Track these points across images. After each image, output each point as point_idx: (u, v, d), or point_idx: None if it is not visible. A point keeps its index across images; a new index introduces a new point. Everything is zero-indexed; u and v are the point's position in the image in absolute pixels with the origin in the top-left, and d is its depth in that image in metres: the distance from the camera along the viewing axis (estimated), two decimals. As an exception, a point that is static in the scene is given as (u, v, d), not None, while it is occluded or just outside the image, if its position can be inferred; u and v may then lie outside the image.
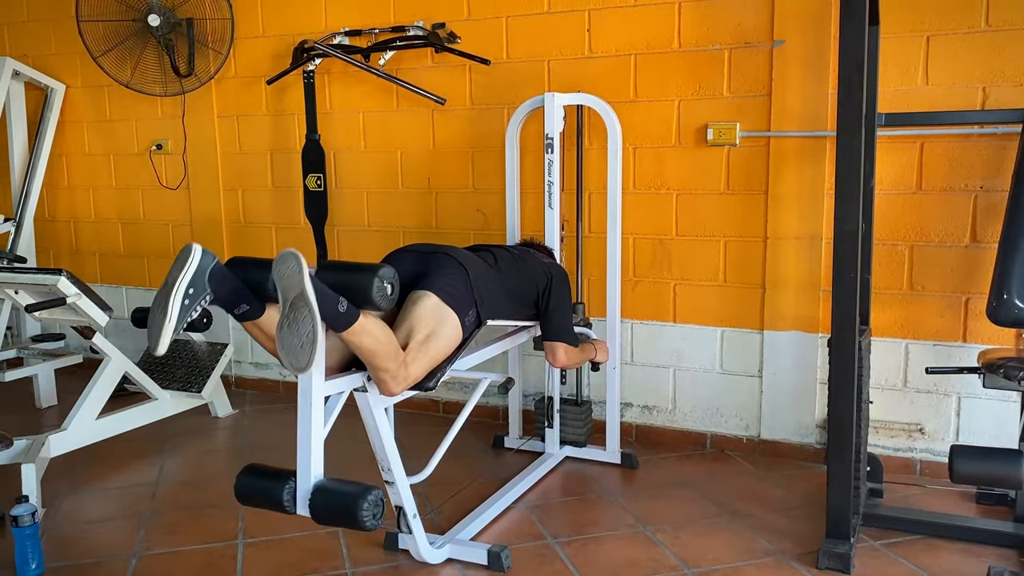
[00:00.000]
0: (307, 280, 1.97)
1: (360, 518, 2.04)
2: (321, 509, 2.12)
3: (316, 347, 1.97)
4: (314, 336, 1.96)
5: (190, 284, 2.05)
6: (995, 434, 3.13)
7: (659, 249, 3.58)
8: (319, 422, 2.16)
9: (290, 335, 1.98)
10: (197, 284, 2.06)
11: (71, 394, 3.67)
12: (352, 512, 2.05)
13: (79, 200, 4.97)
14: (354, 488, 2.10)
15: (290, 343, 1.99)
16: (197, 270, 2.06)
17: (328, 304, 2.04)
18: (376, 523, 2.08)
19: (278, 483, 2.17)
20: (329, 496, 2.13)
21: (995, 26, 2.98)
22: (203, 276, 2.07)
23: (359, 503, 2.05)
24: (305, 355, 1.98)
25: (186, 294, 2.04)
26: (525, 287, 2.85)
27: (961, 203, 3.11)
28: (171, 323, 2.03)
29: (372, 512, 2.06)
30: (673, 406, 3.67)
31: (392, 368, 2.26)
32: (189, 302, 2.05)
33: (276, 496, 2.16)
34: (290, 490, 2.15)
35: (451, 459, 2.78)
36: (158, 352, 2.05)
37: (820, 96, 3.21)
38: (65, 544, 2.82)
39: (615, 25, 3.52)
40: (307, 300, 1.97)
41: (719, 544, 2.73)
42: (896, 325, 3.25)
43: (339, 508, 2.10)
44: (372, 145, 4.11)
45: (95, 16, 4.29)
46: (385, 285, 2.10)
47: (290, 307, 1.99)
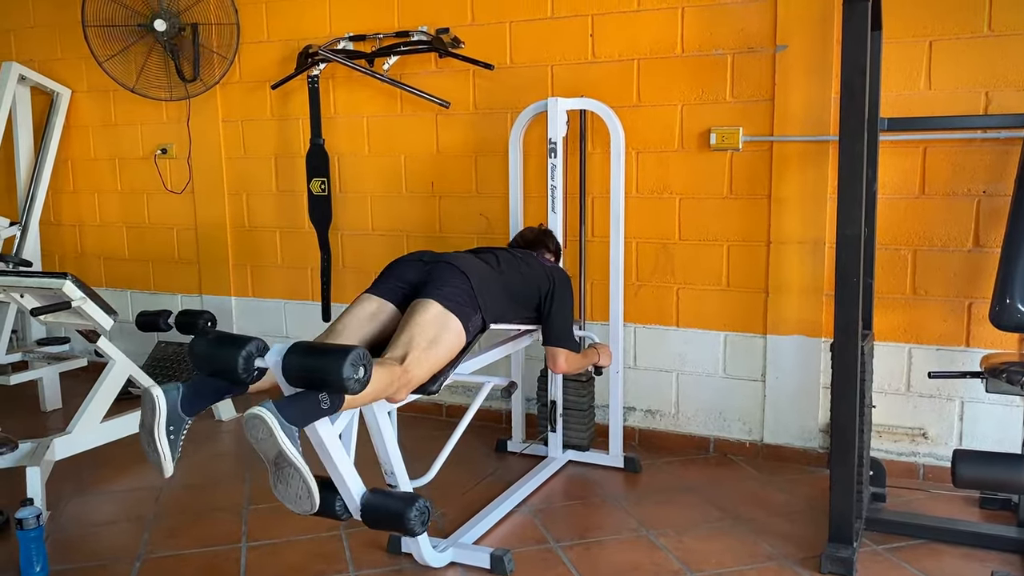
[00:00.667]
0: (282, 440, 1.96)
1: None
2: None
3: (313, 494, 2.00)
4: (308, 487, 2.00)
5: (168, 423, 2.09)
6: (998, 438, 3.13)
7: (662, 253, 3.58)
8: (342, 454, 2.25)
9: (285, 491, 2.03)
10: (174, 420, 2.10)
11: (76, 397, 3.67)
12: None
13: (84, 204, 4.99)
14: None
15: (288, 498, 2.04)
16: (168, 410, 2.09)
17: (310, 411, 2.04)
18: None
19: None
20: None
21: (998, 31, 2.98)
22: (175, 411, 2.10)
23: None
24: (307, 503, 2.02)
25: (168, 432, 2.09)
26: (527, 290, 2.85)
27: (964, 208, 3.11)
28: (168, 458, 2.10)
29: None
30: (676, 410, 3.67)
31: (393, 389, 2.28)
32: (174, 436, 2.10)
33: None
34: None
35: (454, 463, 2.79)
36: (167, 476, 2.13)
37: (823, 101, 3.22)
38: (69, 547, 2.83)
39: (618, 30, 3.53)
40: (288, 460, 1.98)
41: (722, 548, 2.73)
42: (899, 329, 3.25)
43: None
44: (376, 149, 4.13)
45: (101, 21, 4.32)
46: (359, 371, 1.99)
47: (275, 467, 2.01)
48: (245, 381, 2.12)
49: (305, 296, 4.41)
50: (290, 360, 2.04)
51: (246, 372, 2.07)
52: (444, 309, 2.45)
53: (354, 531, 2.87)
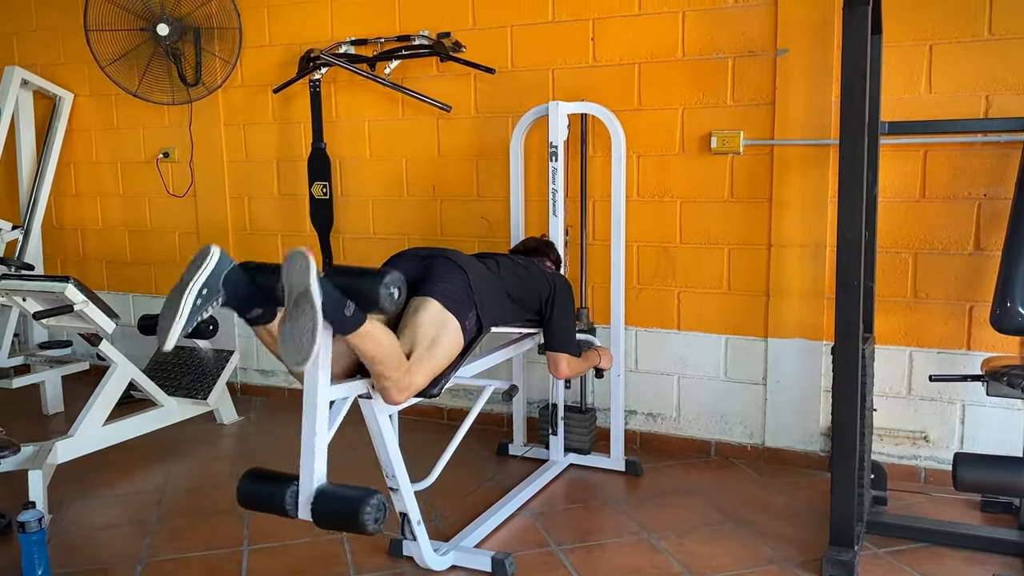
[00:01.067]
0: (313, 278, 1.98)
1: (362, 522, 2.04)
2: (323, 513, 2.13)
3: (315, 342, 1.95)
4: (314, 332, 1.95)
5: (204, 285, 2.04)
6: (1000, 442, 3.13)
7: (663, 257, 3.59)
8: (323, 426, 2.17)
9: (291, 329, 1.98)
10: (211, 286, 2.06)
11: (78, 401, 3.68)
12: (355, 516, 2.05)
13: (86, 208, 5.00)
14: (356, 492, 2.10)
15: (290, 338, 1.97)
16: (213, 272, 2.06)
17: (334, 306, 2.05)
18: (378, 527, 2.08)
19: (280, 487, 2.17)
20: (331, 500, 2.13)
21: (998, 35, 2.99)
22: (218, 279, 2.07)
23: (362, 507, 2.05)
24: (304, 350, 1.95)
25: (199, 294, 2.04)
26: (527, 294, 2.85)
27: (964, 211, 3.11)
28: (181, 322, 2.02)
29: (374, 516, 2.07)
30: (677, 413, 3.67)
31: (395, 377, 2.27)
32: (201, 303, 2.04)
33: (278, 500, 2.16)
34: (292, 494, 2.16)
35: (455, 466, 2.79)
36: (165, 349, 2.06)
37: (824, 104, 3.22)
38: (72, 550, 2.83)
39: (619, 34, 3.54)
40: (311, 297, 1.97)
41: (723, 551, 2.73)
42: (900, 333, 3.25)
43: (341, 512, 2.10)
44: (377, 153, 4.14)
45: (103, 25, 4.33)
46: (392, 290, 2.09)
47: (294, 303, 1.99)
48: (280, 301, 2.09)
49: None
50: (332, 278, 2.09)
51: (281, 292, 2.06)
52: (442, 308, 2.45)
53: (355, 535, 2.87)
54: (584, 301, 3.61)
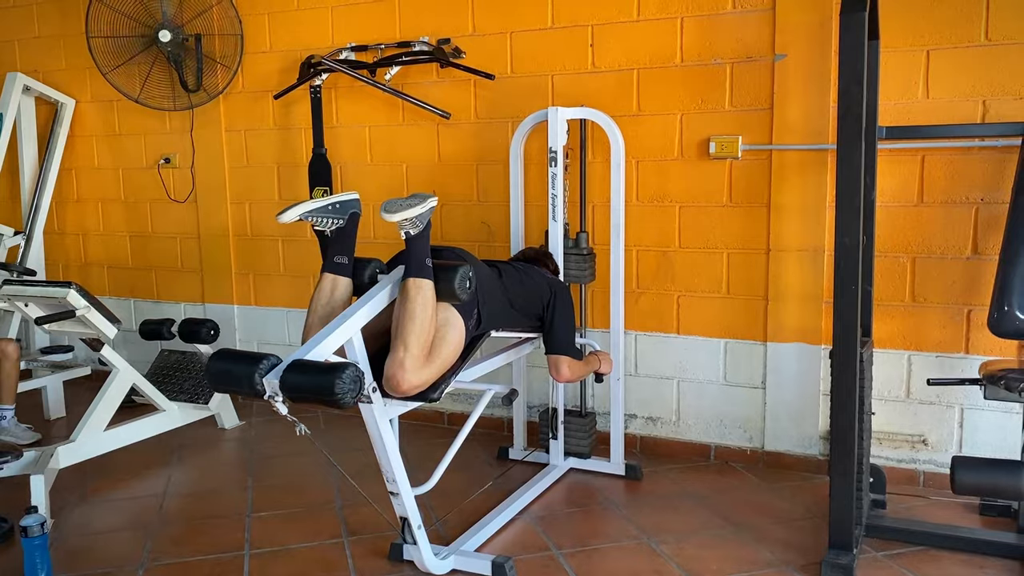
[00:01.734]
0: (432, 202, 2.47)
1: (336, 390, 2.00)
2: (295, 382, 2.07)
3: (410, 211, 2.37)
4: (413, 206, 2.38)
5: (339, 203, 2.50)
6: (998, 445, 3.14)
7: (662, 261, 3.60)
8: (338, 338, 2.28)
9: (400, 200, 2.41)
10: (343, 208, 2.51)
11: (79, 406, 3.69)
12: (328, 385, 2.01)
13: (88, 213, 5.02)
14: (333, 364, 2.09)
15: (396, 201, 2.40)
16: (348, 201, 2.52)
17: (422, 247, 2.42)
18: (349, 397, 2.03)
19: (253, 363, 2.12)
20: (305, 370, 2.08)
21: (995, 40, 3.00)
22: (348, 209, 2.52)
23: (337, 375, 2.01)
24: (399, 208, 2.36)
25: (333, 205, 2.48)
26: (528, 299, 2.87)
27: (962, 215, 3.12)
28: (312, 205, 2.43)
29: (349, 386, 2.02)
30: (677, 417, 3.68)
31: (414, 351, 2.34)
32: (331, 210, 2.48)
33: (249, 374, 2.10)
34: (267, 367, 2.11)
35: (455, 470, 2.80)
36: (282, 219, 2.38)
37: (821, 109, 3.24)
38: (73, 554, 2.84)
39: (618, 40, 3.56)
40: (424, 199, 2.43)
41: (722, 555, 2.74)
42: (898, 336, 3.26)
43: (315, 382, 2.04)
44: (378, 158, 4.15)
45: (105, 32, 4.35)
46: (467, 282, 2.45)
47: (411, 196, 2.43)
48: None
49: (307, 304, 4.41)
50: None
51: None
52: (448, 305, 2.49)
53: (356, 539, 2.88)
54: (584, 305, 3.62)
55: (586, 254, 3.46)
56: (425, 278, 2.40)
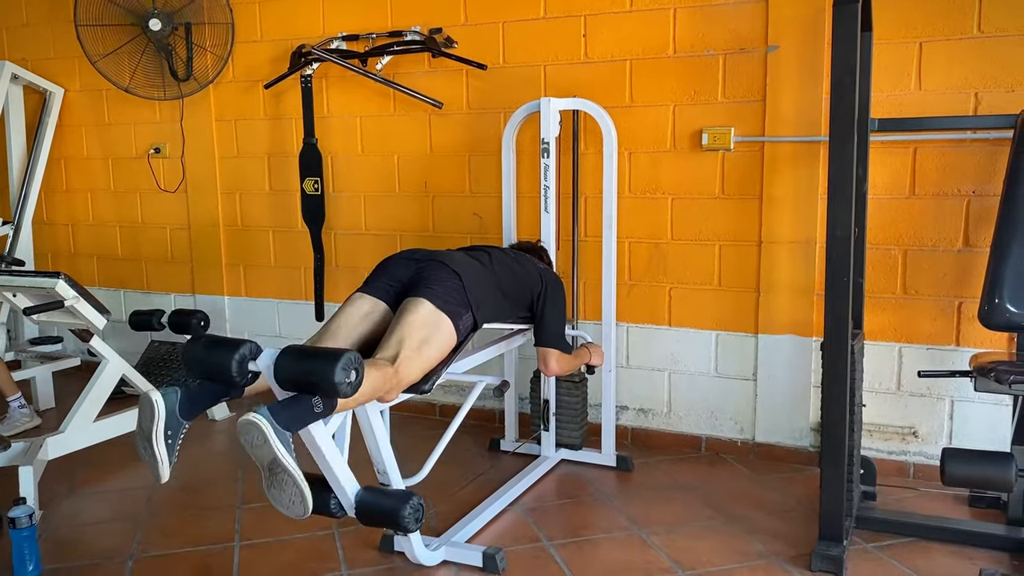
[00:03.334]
0: (276, 447, 1.99)
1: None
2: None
3: (307, 499, 2.03)
4: (301, 492, 2.02)
5: (166, 428, 2.10)
6: (988, 437, 3.15)
7: (654, 253, 3.60)
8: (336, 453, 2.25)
9: (279, 496, 2.06)
10: (171, 425, 2.11)
11: (69, 397, 3.68)
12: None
13: (77, 203, 4.98)
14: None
15: (282, 503, 2.06)
16: (167, 415, 2.10)
17: (303, 415, 2.06)
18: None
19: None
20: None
21: (987, 32, 3.00)
22: (174, 415, 2.11)
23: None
24: (299, 508, 2.05)
25: (166, 436, 2.10)
26: (519, 289, 2.86)
27: (954, 208, 3.13)
28: (165, 463, 2.10)
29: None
30: (668, 409, 3.69)
31: (385, 389, 2.28)
32: (171, 441, 2.11)
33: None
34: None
35: (447, 462, 2.80)
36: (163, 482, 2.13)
37: (814, 101, 3.23)
38: (62, 546, 2.83)
39: (611, 31, 3.54)
40: (283, 466, 2.01)
41: (713, 547, 2.74)
42: (889, 329, 3.26)
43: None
44: (369, 149, 4.13)
45: (93, 20, 4.31)
46: (350, 376, 1.99)
47: (269, 472, 2.04)
48: (240, 384, 2.11)
49: (298, 296, 4.42)
50: (281, 364, 2.04)
51: (240, 375, 2.06)
52: (435, 308, 2.45)
53: (347, 530, 2.87)
54: (576, 297, 3.62)
55: None
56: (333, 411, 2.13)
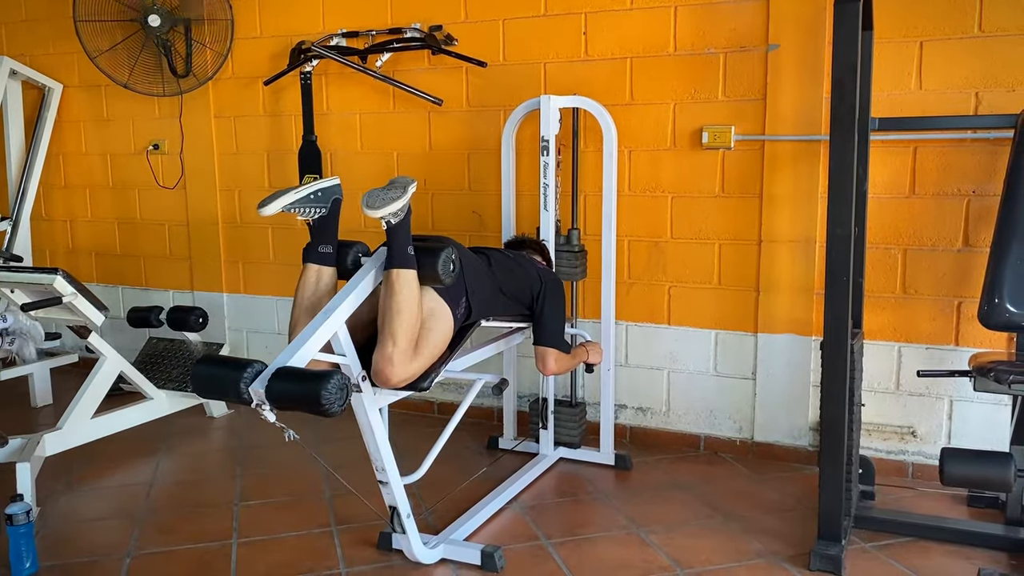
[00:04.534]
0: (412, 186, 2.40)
1: (322, 400, 1.96)
2: (280, 390, 2.04)
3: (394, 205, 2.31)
4: (396, 199, 2.31)
5: (321, 191, 2.45)
6: (987, 437, 3.15)
7: (654, 251, 3.59)
8: (322, 334, 2.24)
9: (381, 192, 2.34)
10: (324, 196, 2.47)
11: (66, 393, 3.67)
12: (314, 395, 1.97)
13: (76, 199, 4.97)
14: (319, 373, 2.04)
15: (377, 195, 2.33)
16: (330, 187, 2.48)
17: (403, 236, 2.37)
18: (337, 407, 1.99)
19: (238, 370, 2.09)
20: (290, 379, 2.05)
21: (988, 32, 3.00)
22: (330, 196, 2.49)
23: (322, 384, 1.97)
24: (382, 203, 2.30)
25: (315, 193, 2.44)
26: (519, 288, 2.86)
27: (954, 207, 3.13)
28: (295, 196, 2.38)
29: (336, 395, 1.98)
30: (667, 408, 3.68)
31: (402, 344, 2.32)
32: (313, 199, 2.43)
33: (234, 381, 2.08)
34: (251, 374, 2.08)
35: (445, 460, 2.79)
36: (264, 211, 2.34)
37: (814, 100, 3.23)
38: (59, 543, 2.82)
39: (611, 28, 3.54)
40: (405, 189, 2.36)
41: (712, 545, 2.74)
42: (889, 328, 3.26)
43: (301, 391, 2.02)
44: (368, 146, 4.12)
45: (93, 16, 4.30)
46: (452, 260, 2.43)
47: (390, 185, 2.37)
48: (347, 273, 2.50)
49: (297, 293, 4.40)
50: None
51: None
52: (435, 295, 2.49)
53: (344, 528, 2.87)
54: (575, 295, 3.61)
55: (578, 251, 3.44)
56: (408, 267, 2.36)
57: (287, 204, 2.36)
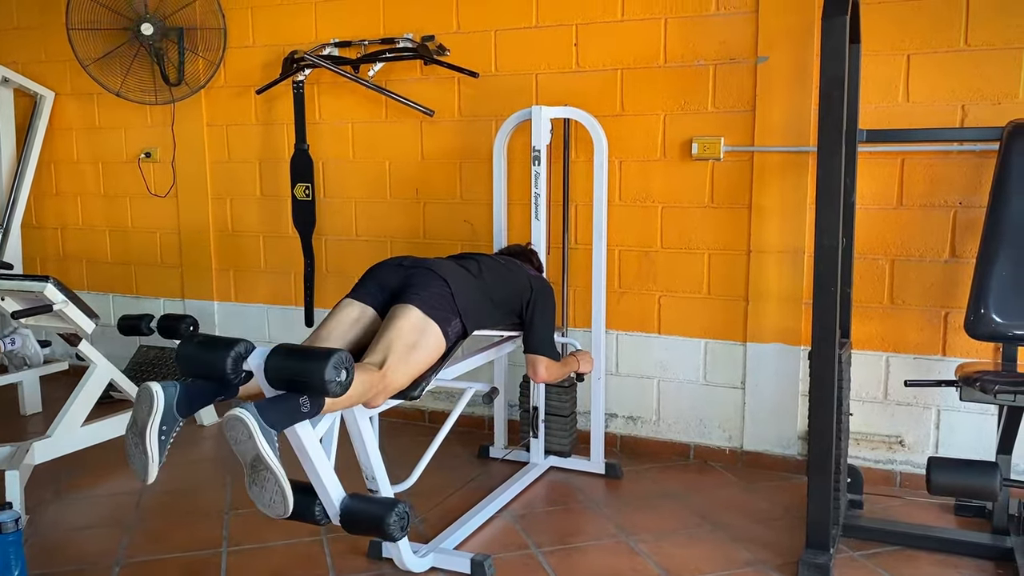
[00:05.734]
0: (260, 444, 1.97)
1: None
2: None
3: (288, 500, 2.00)
4: (283, 491, 2.00)
5: (161, 423, 2.07)
6: (974, 446, 3.17)
7: (644, 261, 3.61)
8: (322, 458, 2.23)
9: (260, 494, 2.03)
10: (167, 420, 2.08)
11: (56, 401, 3.66)
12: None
13: (67, 207, 4.97)
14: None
15: (263, 501, 2.03)
16: (164, 409, 2.07)
17: (290, 415, 2.04)
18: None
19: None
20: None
21: (974, 46, 3.04)
22: (171, 411, 2.09)
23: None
24: (280, 507, 2.02)
25: (160, 432, 2.07)
26: (509, 296, 2.86)
27: (940, 219, 3.16)
28: (155, 461, 2.07)
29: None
30: (657, 417, 3.70)
31: (372, 394, 2.28)
32: (165, 437, 2.08)
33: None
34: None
35: (436, 468, 2.80)
36: (148, 483, 2.09)
37: (803, 112, 3.26)
38: (48, 551, 2.82)
39: (602, 40, 3.56)
40: (265, 463, 1.98)
41: (701, 554, 2.75)
42: (877, 338, 3.29)
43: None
44: (360, 155, 4.14)
45: (85, 24, 4.30)
46: (340, 376, 2.01)
47: (251, 468, 2.01)
48: (234, 382, 2.11)
49: (288, 301, 4.41)
50: (272, 361, 2.05)
51: (234, 373, 2.07)
52: (424, 315, 2.45)
53: (335, 536, 2.87)
54: (565, 305, 3.63)
55: None
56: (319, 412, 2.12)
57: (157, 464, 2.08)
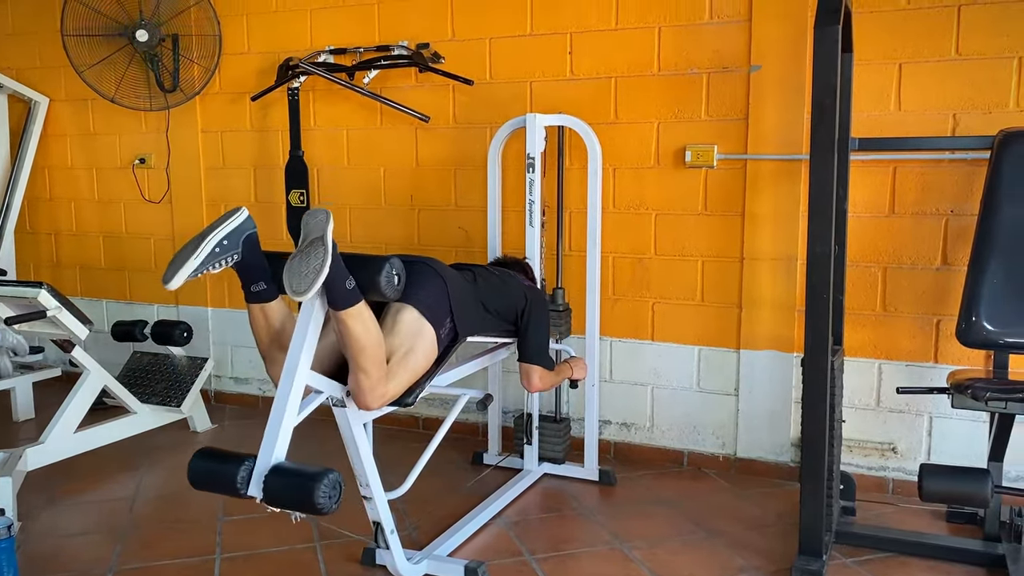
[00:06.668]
0: (329, 230, 2.10)
1: (316, 499, 1.99)
2: (275, 490, 2.06)
3: (319, 278, 2.04)
4: (320, 268, 2.05)
5: (226, 237, 2.14)
6: (966, 453, 3.19)
7: (638, 268, 3.62)
8: (293, 407, 2.17)
9: (301, 263, 2.08)
10: (231, 240, 2.16)
11: (49, 407, 3.65)
12: (308, 493, 2.00)
13: (61, 213, 4.96)
14: (313, 469, 2.05)
15: (298, 269, 2.08)
16: (237, 228, 2.17)
17: (338, 274, 2.11)
18: (332, 505, 2.02)
19: (233, 464, 2.09)
20: (285, 477, 2.07)
21: (965, 55, 3.06)
22: (239, 236, 2.17)
23: (316, 484, 2.00)
24: (307, 282, 2.05)
25: (219, 244, 2.13)
26: (503, 306, 2.86)
27: (932, 227, 3.17)
28: (196, 261, 2.09)
29: (329, 494, 2.01)
30: (651, 424, 3.70)
31: (375, 375, 2.25)
32: (219, 251, 2.14)
33: (230, 477, 2.08)
34: (246, 470, 2.09)
35: (430, 475, 2.80)
36: (169, 286, 2.09)
37: (796, 120, 3.28)
38: (41, 558, 2.81)
39: (596, 48, 3.58)
40: (324, 242, 2.07)
41: (694, 561, 2.76)
42: (869, 345, 3.30)
43: (295, 489, 2.04)
44: (355, 162, 4.14)
45: (80, 30, 4.30)
46: (394, 274, 2.21)
47: (308, 244, 2.10)
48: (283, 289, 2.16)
49: (283, 307, 4.40)
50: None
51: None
52: (419, 316, 2.45)
53: (328, 543, 2.87)
54: (560, 311, 3.64)
55: (562, 310, 3.46)
56: (353, 303, 2.16)
57: (192, 271, 2.09)
